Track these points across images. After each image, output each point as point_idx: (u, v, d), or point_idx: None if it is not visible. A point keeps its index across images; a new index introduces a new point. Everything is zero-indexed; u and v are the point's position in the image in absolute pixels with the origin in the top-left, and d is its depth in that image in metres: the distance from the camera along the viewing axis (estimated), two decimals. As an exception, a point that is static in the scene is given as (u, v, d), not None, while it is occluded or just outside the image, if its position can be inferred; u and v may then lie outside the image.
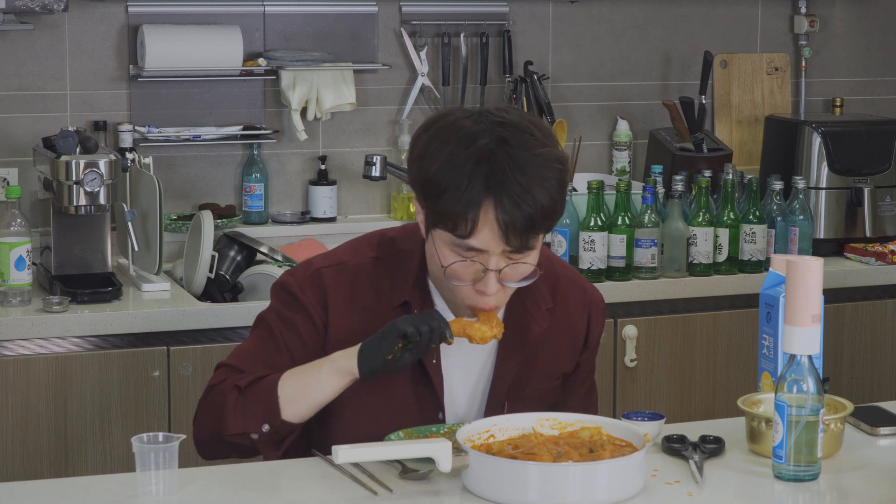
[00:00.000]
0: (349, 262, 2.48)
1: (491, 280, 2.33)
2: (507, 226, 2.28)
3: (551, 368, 2.55)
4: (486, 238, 2.30)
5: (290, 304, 2.47)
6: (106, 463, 3.47)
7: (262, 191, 4.18)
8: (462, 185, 2.28)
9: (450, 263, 2.34)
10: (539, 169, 2.29)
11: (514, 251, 2.32)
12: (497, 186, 2.27)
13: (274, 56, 4.17)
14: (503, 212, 2.27)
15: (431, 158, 2.32)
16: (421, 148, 2.36)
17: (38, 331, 3.42)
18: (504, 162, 2.28)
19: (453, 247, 2.33)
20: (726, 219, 4.00)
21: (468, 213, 2.28)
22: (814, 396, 2.25)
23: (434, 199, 2.32)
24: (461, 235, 2.30)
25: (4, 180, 3.96)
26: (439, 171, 2.30)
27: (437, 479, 2.26)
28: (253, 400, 2.39)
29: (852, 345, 4.15)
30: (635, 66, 4.62)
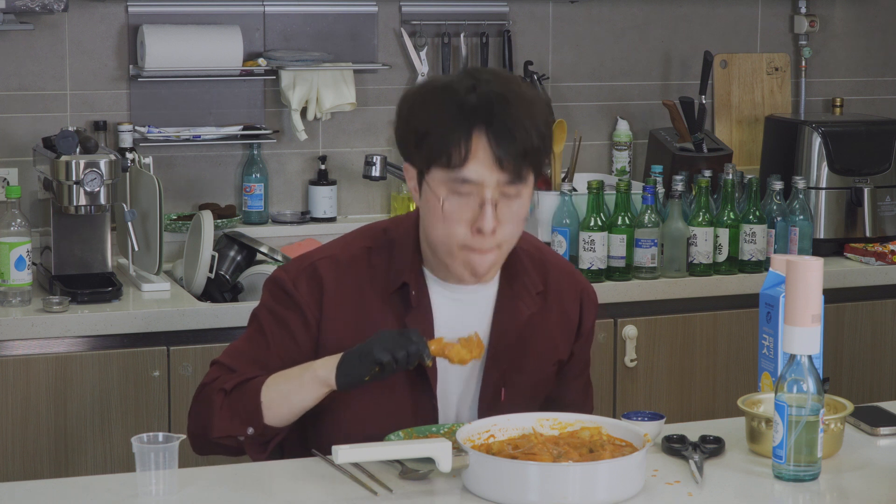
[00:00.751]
0: (343, 254, 2.50)
1: (488, 213, 2.34)
2: (499, 153, 2.32)
3: (545, 355, 2.56)
4: (479, 167, 2.33)
5: (282, 301, 2.48)
6: (106, 463, 3.47)
7: (262, 191, 4.18)
8: (453, 118, 2.33)
9: (444, 197, 2.35)
10: (526, 104, 2.35)
11: (508, 182, 2.34)
12: (487, 116, 2.32)
13: (274, 56, 4.17)
14: (495, 139, 2.32)
15: (419, 111, 2.38)
16: (407, 109, 2.41)
17: (38, 331, 3.42)
18: (491, 97, 2.33)
19: (449, 183, 2.35)
20: (726, 219, 4.00)
21: (461, 140, 2.32)
22: (814, 396, 2.25)
23: (425, 141, 2.35)
24: (456, 166, 2.33)
25: (4, 180, 3.96)
26: (428, 117, 2.36)
27: (437, 479, 2.26)
28: (237, 403, 2.41)
29: (852, 345, 4.15)
30: (635, 66, 4.62)
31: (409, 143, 2.41)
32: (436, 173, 2.36)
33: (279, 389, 2.40)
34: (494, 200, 2.35)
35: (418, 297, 2.45)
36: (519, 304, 2.50)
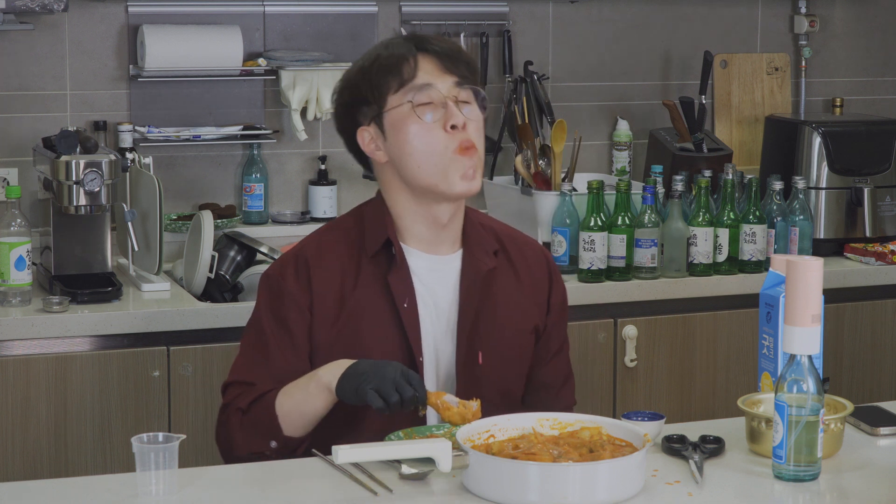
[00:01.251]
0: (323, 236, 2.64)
1: (453, 109, 2.52)
2: (443, 62, 2.54)
3: (517, 318, 2.64)
4: (430, 73, 2.53)
5: (276, 298, 2.58)
6: (106, 463, 3.47)
7: (262, 191, 4.18)
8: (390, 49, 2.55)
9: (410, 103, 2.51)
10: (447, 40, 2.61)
11: (458, 83, 2.54)
12: (417, 41, 2.56)
13: (274, 56, 4.17)
14: (436, 53, 2.54)
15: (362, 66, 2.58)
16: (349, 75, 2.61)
17: (38, 331, 3.42)
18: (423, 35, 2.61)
19: (409, 97, 2.52)
20: (726, 219, 4.00)
21: (407, 57, 2.53)
22: (814, 396, 2.25)
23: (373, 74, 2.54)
24: (409, 79, 2.52)
25: (4, 180, 3.96)
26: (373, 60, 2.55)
27: (437, 479, 2.26)
28: (255, 420, 2.50)
29: (852, 345, 4.15)
30: (635, 66, 4.62)
31: (358, 97, 2.57)
32: (393, 100, 2.54)
33: (291, 401, 2.48)
34: (452, 94, 2.53)
35: (400, 256, 2.57)
36: (478, 262, 2.61)
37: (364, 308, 2.56)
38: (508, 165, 4.36)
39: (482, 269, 2.61)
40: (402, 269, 2.56)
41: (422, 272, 2.59)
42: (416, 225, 2.59)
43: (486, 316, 2.60)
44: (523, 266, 2.68)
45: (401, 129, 2.53)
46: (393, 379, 2.36)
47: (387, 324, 2.55)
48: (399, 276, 2.56)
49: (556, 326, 2.72)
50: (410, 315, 2.56)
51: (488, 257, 2.62)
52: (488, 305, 2.61)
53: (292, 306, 2.56)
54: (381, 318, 2.55)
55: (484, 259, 2.62)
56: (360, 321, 2.55)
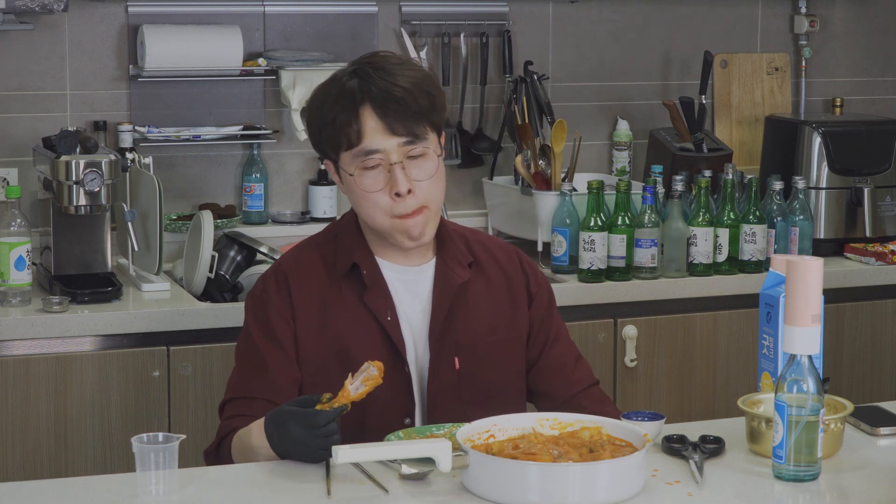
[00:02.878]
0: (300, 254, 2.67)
1: (398, 176, 2.51)
2: (387, 121, 2.50)
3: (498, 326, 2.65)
4: (374, 137, 2.51)
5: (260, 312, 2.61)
6: (106, 463, 3.47)
7: (262, 191, 4.18)
8: (338, 106, 2.53)
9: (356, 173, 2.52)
10: (400, 69, 2.55)
11: (407, 142, 2.52)
12: (366, 89, 2.51)
13: (274, 56, 4.17)
14: (380, 109, 2.50)
15: (314, 108, 2.59)
16: (307, 111, 2.62)
17: (38, 331, 3.42)
18: (367, 72, 2.53)
19: (356, 161, 2.53)
20: (726, 219, 4.00)
21: (351, 122, 2.51)
22: (814, 396, 2.25)
23: (325, 131, 2.55)
24: (354, 143, 2.52)
25: (4, 180, 3.96)
26: (319, 110, 2.56)
27: (437, 479, 2.26)
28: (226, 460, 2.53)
29: (852, 345, 4.15)
30: (635, 66, 4.62)
31: (316, 140, 2.60)
32: (344, 157, 2.55)
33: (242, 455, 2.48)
34: (401, 163, 2.52)
35: (371, 276, 2.59)
36: (452, 273, 2.63)
37: (347, 324, 2.58)
38: (508, 165, 4.36)
39: (455, 280, 2.63)
40: (375, 289, 2.59)
41: (396, 284, 2.62)
42: (384, 244, 2.62)
43: (460, 324, 2.62)
44: (496, 271, 2.70)
45: (350, 188, 2.57)
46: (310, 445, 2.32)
47: (372, 339, 2.58)
48: (374, 295, 2.59)
49: (545, 314, 2.73)
50: (394, 327, 2.58)
51: (462, 269, 2.65)
52: (462, 314, 2.63)
53: (278, 318, 2.59)
54: (365, 334, 2.58)
55: (457, 271, 2.64)
56: (345, 338, 2.57)
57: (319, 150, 2.63)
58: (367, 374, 2.33)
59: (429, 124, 2.55)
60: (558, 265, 3.94)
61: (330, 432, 2.29)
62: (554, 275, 3.94)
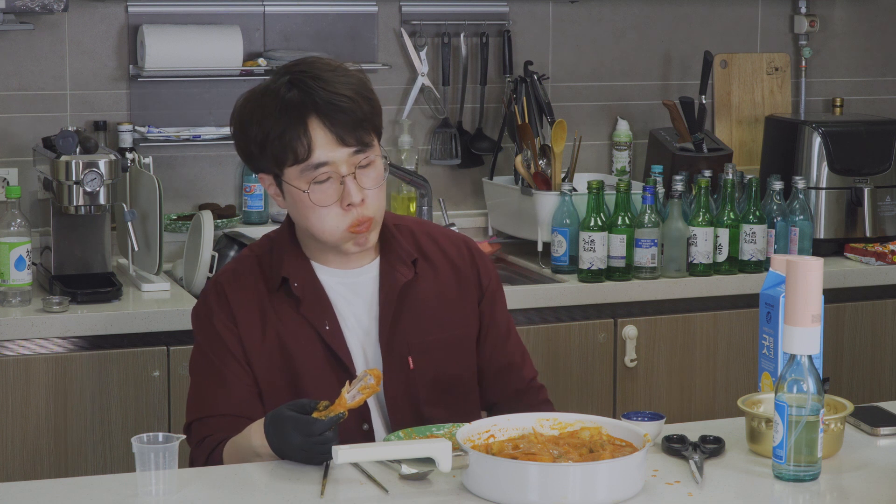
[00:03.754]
0: (238, 266, 2.63)
1: (351, 187, 2.48)
2: (336, 131, 2.46)
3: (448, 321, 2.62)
4: (324, 149, 2.46)
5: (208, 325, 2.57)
6: (106, 463, 3.47)
7: (262, 191, 4.18)
8: (283, 117, 2.46)
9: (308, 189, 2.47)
10: (337, 76, 2.50)
11: (356, 152, 2.48)
12: (309, 101, 2.46)
13: (274, 56, 4.17)
14: (329, 120, 2.45)
15: (250, 122, 2.51)
16: (238, 124, 2.54)
17: (37, 331, 3.42)
18: (306, 82, 2.47)
19: (305, 174, 2.47)
20: (726, 219, 4.00)
21: (299, 135, 2.45)
22: (814, 396, 2.25)
23: (268, 146, 2.48)
24: (304, 158, 2.46)
25: (4, 180, 3.96)
26: (261, 125, 2.48)
27: (437, 479, 2.26)
28: None
29: (852, 345, 4.15)
30: (635, 66, 4.62)
31: (253, 154, 2.53)
32: (290, 172, 2.49)
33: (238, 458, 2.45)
34: (351, 173, 2.48)
35: (304, 288, 2.56)
36: (396, 273, 2.60)
37: (287, 337, 2.55)
38: (508, 165, 4.36)
39: (399, 280, 2.59)
40: (307, 301, 2.55)
41: (338, 288, 2.58)
42: (323, 249, 2.58)
43: (410, 322, 2.59)
44: (444, 263, 2.66)
45: (297, 203, 2.51)
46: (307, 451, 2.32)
47: (314, 348, 2.55)
48: (308, 307, 2.55)
49: (495, 306, 2.70)
50: (335, 336, 2.55)
51: (405, 267, 2.61)
52: (411, 312, 2.60)
53: (224, 329, 2.55)
54: (307, 344, 2.54)
55: (401, 269, 2.60)
56: (289, 348, 2.55)
57: (255, 166, 2.55)
58: (364, 383, 2.33)
59: (373, 130, 2.52)
60: (558, 265, 3.94)
61: (325, 440, 2.28)
62: (554, 275, 3.94)
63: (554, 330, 3.83)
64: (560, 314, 3.85)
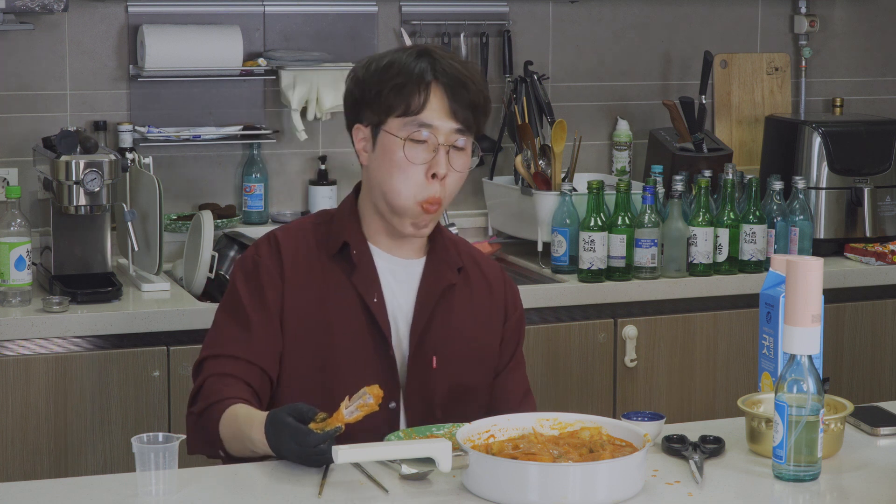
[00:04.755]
0: (294, 224, 2.68)
1: (442, 157, 2.52)
2: (452, 104, 2.52)
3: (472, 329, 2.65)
4: (435, 113, 2.52)
5: (251, 272, 2.59)
6: (106, 463, 3.47)
7: (262, 191, 4.18)
8: (410, 66, 2.53)
9: (406, 137, 2.51)
10: (469, 65, 2.61)
11: (458, 130, 2.53)
12: (440, 70, 2.54)
13: (274, 56, 4.17)
14: (450, 90, 2.53)
15: (373, 70, 2.57)
16: (358, 70, 2.60)
17: (37, 331, 3.42)
18: (439, 56, 2.56)
19: (406, 128, 2.52)
20: (726, 219, 4.00)
21: (420, 87, 2.52)
22: (814, 396, 2.25)
23: (384, 93, 2.54)
24: (415, 111, 2.52)
25: (4, 180, 3.96)
26: (385, 72, 2.55)
27: (437, 479, 2.26)
28: (204, 430, 2.49)
29: (852, 345, 4.15)
30: (635, 66, 4.62)
31: (365, 101, 2.57)
32: (393, 122, 2.53)
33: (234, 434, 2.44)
34: (447, 147, 2.53)
35: (360, 257, 2.59)
36: (441, 275, 2.64)
37: (331, 303, 2.57)
38: (508, 165, 4.36)
39: (442, 281, 2.63)
40: (362, 270, 2.59)
41: (385, 271, 2.61)
42: (379, 231, 2.62)
43: (442, 323, 2.61)
44: (480, 280, 2.69)
45: (387, 155, 2.55)
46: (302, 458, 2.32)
47: (357, 318, 2.57)
48: (361, 276, 2.58)
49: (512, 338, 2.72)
50: (380, 309, 2.58)
51: (451, 272, 2.64)
52: (444, 314, 2.62)
53: (269, 283, 2.56)
54: (350, 313, 2.57)
55: (446, 273, 2.64)
56: (330, 313, 2.56)
57: (357, 114, 2.59)
58: (363, 402, 2.32)
59: (479, 121, 2.58)
60: (558, 265, 3.94)
61: (320, 452, 2.28)
62: (554, 275, 3.94)
63: (554, 330, 3.83)
64: (560, 314, 3.85)
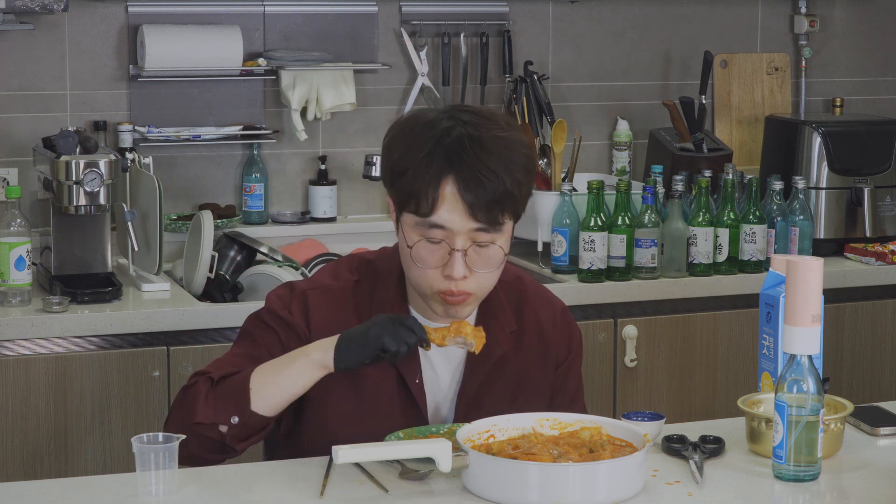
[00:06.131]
0: (332, 285, 2.49)
1: (457, 262, 2.32)
2: (470, 201, 2.29)
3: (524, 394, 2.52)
4: (448, 214, 2.31)
5: (275, 321, 2.47)
6: (106, 463, 3.47)
7: (262, 191, 4.18)
8: (422, 163, 2.31)
9: (415, 243, 2.34)
10: (503, 150, 2.32)
11: (482, 229, 2.32)
12: (458, 162, 2.29)
13: (274, 56, 4.17)
14: (465, 188, 2.29)
15: (396, 145, 2.37)
16: (388, 140, 2.41)
17: (38, 331, 3.42)
18: (465, 141, 2.30)
19: (418, 228, 2.34)
20: (726, 219, 4.00)
21: (428, 188, 2.30)
22: (814, 396, 2.25)
23: (398, 181, 2.34)
24: (424, 213, 2.31)
25: (4, 180, 3.96)
26: (402, 155, 2.34)
27: (437, 479, 2.26)
28: (225, 391, 2.37)
29: (852, 345, 4.15)
30: (635, 66, 4.62)
31: (385, 175, 2.41)
32: (407, 217, 2.36)
33: (269, 375, 2.36)
34: (465, 248, 2.33)
35: None
36: (492, 344, 2.46)
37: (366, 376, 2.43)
38: (508, 165, 4.36)
39: (495, 352, 2.46)
40: None
41: None
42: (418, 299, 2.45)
43: (489, 392, 2.49)
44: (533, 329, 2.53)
45: (403, 246, 2.38)
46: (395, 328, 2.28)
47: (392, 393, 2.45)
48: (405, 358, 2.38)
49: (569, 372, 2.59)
50: (420, 390, 2.46)
51: (504, 336, 2.49)
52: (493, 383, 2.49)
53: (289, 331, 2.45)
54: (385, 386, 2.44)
55: (500, 338, 2.48)
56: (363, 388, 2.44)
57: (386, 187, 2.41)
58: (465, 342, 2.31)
59: (511, 212, 2.34)
60: (558, 265, 3.94)
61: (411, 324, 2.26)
62: (554, 275, 3.94)
63: (554, 330, 3.83)
64: (560, 314, 3.85)
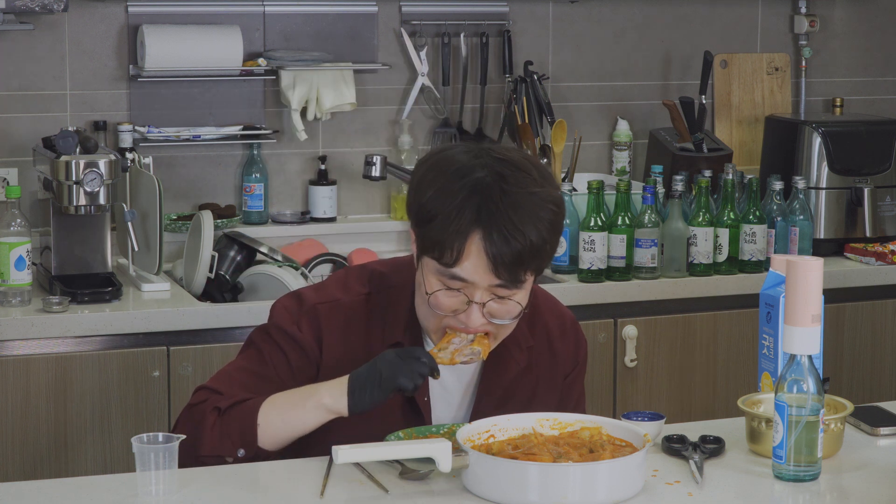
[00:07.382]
0: (342, 299, 2.48)
1: (474, 314, 2.33)
2: (495, 259, 2.27)
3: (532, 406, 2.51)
4: (471, 269, 2.29)
5: (283, 337, 2.45)
6: (106, 463, 3.47)
7: (262, 191, 4.18)
8: (452, 213, 2.28)
9: (434, 291, 2.34)
10: (532, 207, 2.29)
11: (503, 286, 2.31)
12: (487, 219, 2.27)
13: (274, 56, 4.17)
14: (491, 244, 2.27)
15: (426, 186, 2.33)
16: (419, 177, 2.37)
17: (38, 331, 3.42)
18: (497, 196, 2.28)
19: (439, 275, 2.33)
20: (726, 219, 4.00)
21: (455, 241, 2.28)
22: (814, 396, 2.25)
23: (424, 226, 2.32)
24: (446, 264, 2.30)
25: (4, 180, 3.96)
26: (432, 199, 2.31)
27: (437, 479, 2.26)
28: (232, 423, 2.36)
29: (852, 345, 4.15)
30: (635, 66, 4.62)
31: (411, 213, 2.38)
32: (429, 262, 2.34)
33: (279, 413, 2.35)
34: (483, 301, 2.33)
35: None
36: (508, 361, 2.48)
37: None
38: (508, 165, 4.36)
39: (510, 371, 2.48)
40: None
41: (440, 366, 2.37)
42: None
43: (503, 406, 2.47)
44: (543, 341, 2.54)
45: (420, 285, 2.36)
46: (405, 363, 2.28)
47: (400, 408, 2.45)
48: None
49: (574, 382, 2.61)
50: (427, 408, 2.46)
51: (519, 352, 2.49)
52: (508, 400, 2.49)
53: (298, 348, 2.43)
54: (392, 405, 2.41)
55: (515, 355, 2.48)
56: None
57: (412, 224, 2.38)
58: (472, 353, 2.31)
59: (534, 269, 2.33)
60: (558, 265, 3.94)
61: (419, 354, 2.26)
62: (554, 275, 3.94)
63: (554, 330, 3.83)
64: (560, 314, 3.85)
